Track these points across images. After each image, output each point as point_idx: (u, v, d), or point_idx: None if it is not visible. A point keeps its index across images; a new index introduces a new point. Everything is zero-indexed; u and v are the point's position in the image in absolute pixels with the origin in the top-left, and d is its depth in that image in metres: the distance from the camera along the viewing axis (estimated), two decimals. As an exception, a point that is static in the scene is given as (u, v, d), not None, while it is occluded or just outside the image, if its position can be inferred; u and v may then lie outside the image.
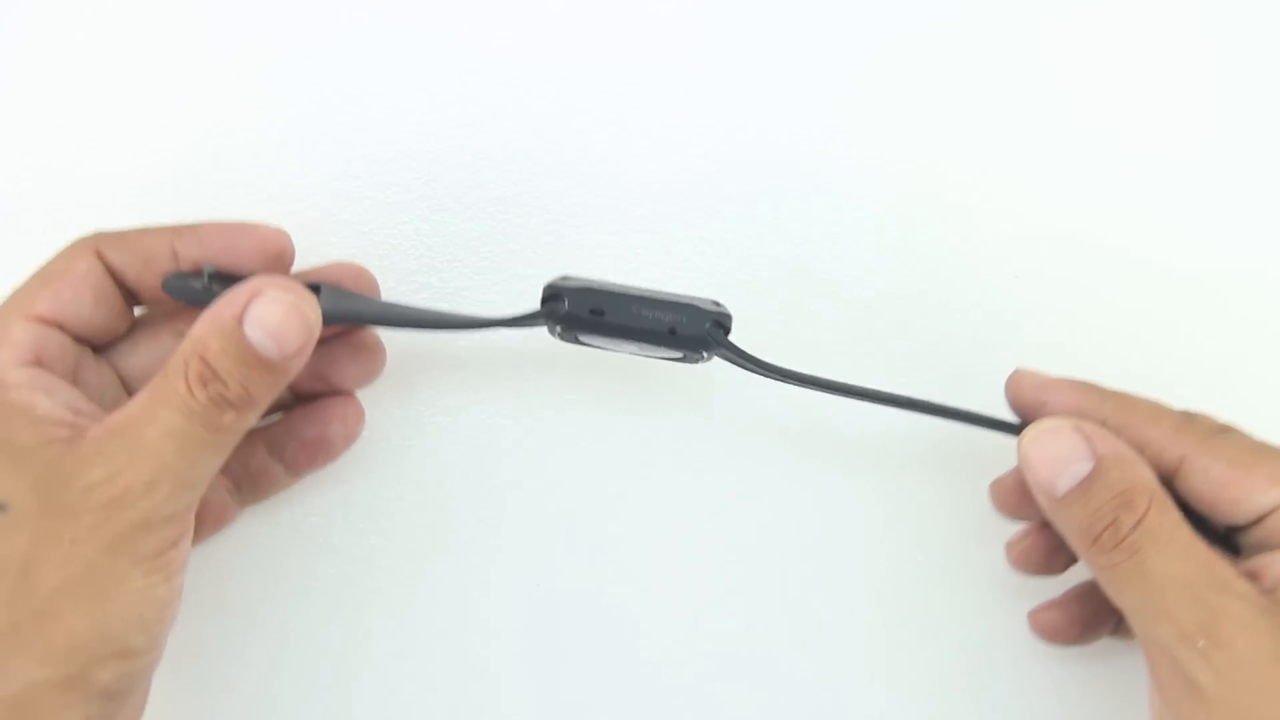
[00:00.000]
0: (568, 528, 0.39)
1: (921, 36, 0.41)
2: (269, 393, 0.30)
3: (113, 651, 0.29)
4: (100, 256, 0.32)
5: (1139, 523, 0.30)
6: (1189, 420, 0.33)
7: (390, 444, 0.39)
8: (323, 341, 0.32)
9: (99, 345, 0.33)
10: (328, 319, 0.32)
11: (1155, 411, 0.33)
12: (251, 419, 0.30)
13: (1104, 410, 0.33)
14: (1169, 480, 0.32)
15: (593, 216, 0.39)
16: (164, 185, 0.38)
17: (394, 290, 0.39)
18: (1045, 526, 0.35)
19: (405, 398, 0.39)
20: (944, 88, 0.41)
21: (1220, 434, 0.32)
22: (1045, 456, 0.32)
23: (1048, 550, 0.36)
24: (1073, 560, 0.36)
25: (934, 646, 0.39)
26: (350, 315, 0.33)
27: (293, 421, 0.36)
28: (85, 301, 0.32)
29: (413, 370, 0.38)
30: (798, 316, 0.40)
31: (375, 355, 0.36)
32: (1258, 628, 0.29)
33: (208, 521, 0.35)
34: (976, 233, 0.40)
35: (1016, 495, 0.35)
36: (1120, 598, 0.31)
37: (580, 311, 0.33)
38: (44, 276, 0.32)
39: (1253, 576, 0.31)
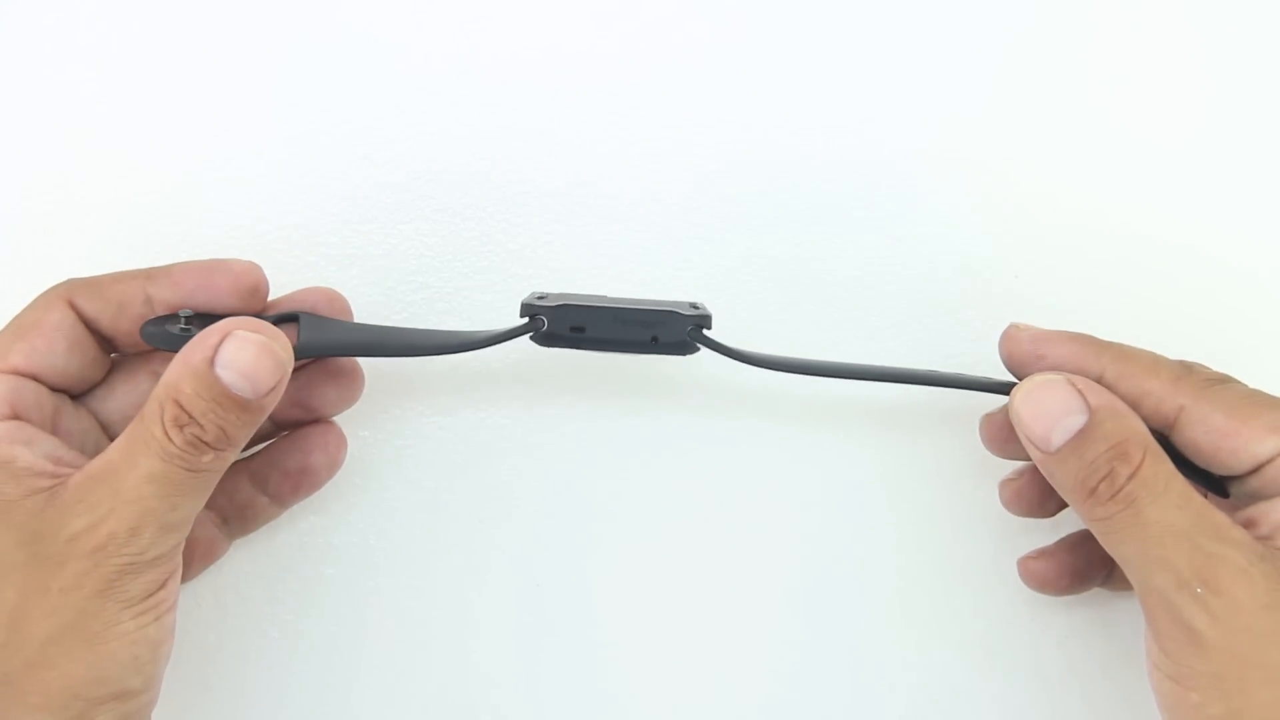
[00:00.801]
0: (568, 527, 0.39)
1: (921, 35, 0.41)
2: (246, 431, 0.30)
3: (110, 694, 0.29)
4: (73, 306, 0.32)
5: (1134, 473, 0.30)
6: (1187, 370, 0.33)
7: (390, 444, 0.39)
8: (300, 368, 0.31)
9: (76, 393, 0.33)
10: (307, 351, 0.32)
11: (1153, 362, 0.33)
12: (230, 458, 0.30)
13: (1101, 362, 0.33)
14: (1167, 430, 0.32)
15: (593, 216, 0.39)
16: (164, 186, 0.38)
17: (394, 290, 0.39)
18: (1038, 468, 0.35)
19: (404, 397, 0.39)
20: (945, 88, 0.41)
21: (1219, 384, 0.32)
22: (1039, 411, 0.32)
23: (1041, 491, 0.36)
24: (1065, 503, 0.35)
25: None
26: (330, 344, 0.33)
27: (274, 453, 0.36)
28: (60, 352, 0.32)
29: (411, 370, 0.38)
30: (797, 316, 0.40)
31: (354, 380, 0.36)
32: (1254, 574, 0.29)
33: (197, 556, 0.35)
34: (976, 233, 0.40)
35: (1007, 430, 0.35)
36: (1117, 549, 0.31)
37: (560, 330, 0.33)
38: (17, 329, 0.32)
39: (1248, 525, 0.31)
